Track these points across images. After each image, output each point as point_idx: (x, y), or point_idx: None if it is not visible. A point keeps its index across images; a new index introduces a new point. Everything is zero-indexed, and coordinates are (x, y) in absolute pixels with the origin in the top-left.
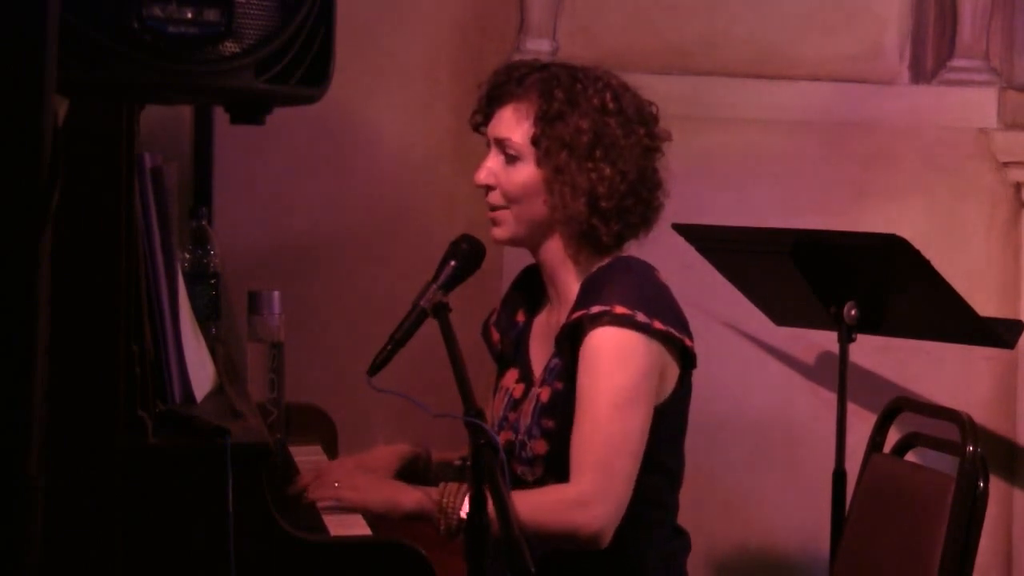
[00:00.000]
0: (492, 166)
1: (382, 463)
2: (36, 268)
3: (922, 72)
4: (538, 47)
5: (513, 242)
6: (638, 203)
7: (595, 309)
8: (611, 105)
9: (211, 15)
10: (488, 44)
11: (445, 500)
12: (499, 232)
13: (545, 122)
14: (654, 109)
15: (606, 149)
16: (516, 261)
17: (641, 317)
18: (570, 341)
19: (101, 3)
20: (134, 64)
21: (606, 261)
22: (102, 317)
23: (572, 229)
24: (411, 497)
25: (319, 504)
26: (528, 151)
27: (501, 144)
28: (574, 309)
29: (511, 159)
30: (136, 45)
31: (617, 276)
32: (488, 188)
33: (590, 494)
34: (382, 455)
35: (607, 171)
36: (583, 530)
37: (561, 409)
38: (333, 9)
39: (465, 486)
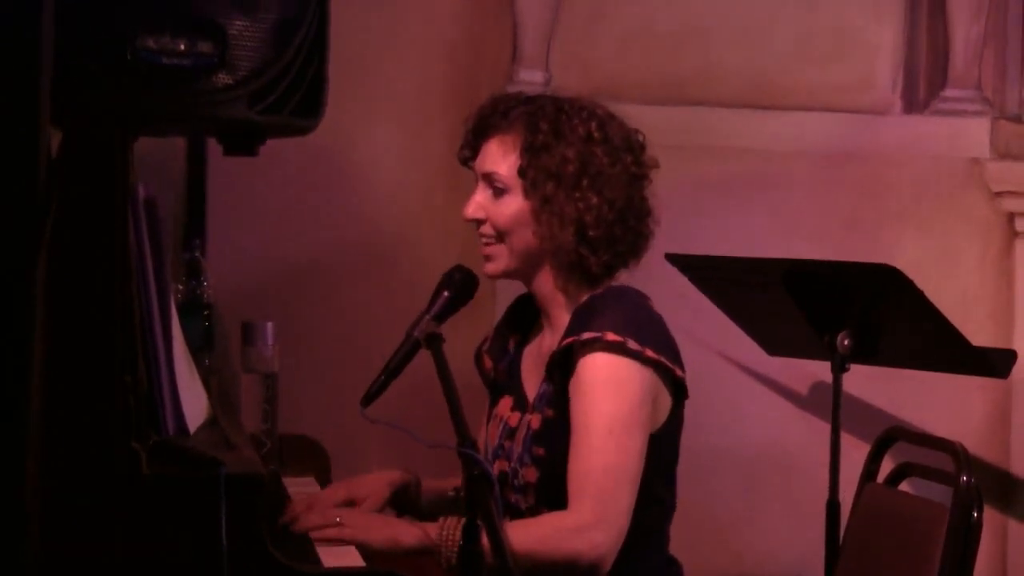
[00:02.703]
0: (480, 200)
1: (373, 490)
2: (30, 299)
3: (915, 102)
4: (531, 77)
5: (506, 275)
6: (627, 232)
7: (586, 335)
8: (596, 134)
9: (204, 47)
10: (481, 74)
11: (444, 534)
12: (491, 267)
13: (531, 153)
14: (641, 137)
15: (592, 178)
16: (509, 291)
17: (633, 344)
18: (560, 367)
19: (95, 35)
20: (128, 96)
21: (599, 290)
22: (96, 348)
23: (561, 259)
24: (411, 534)
25: (317, 537)
26: (515, 183)
27: (488, 178)
28: (565, 335)
29: (499, 192)
30: (130, 77)
31: (609, 303)
32: (478, 222)
33: (590, 521)
34: (372, 482)
35: (594, 200)
36: (584, 557)
37: (552, 436)
38: (326, 40)
39: (464, 520)
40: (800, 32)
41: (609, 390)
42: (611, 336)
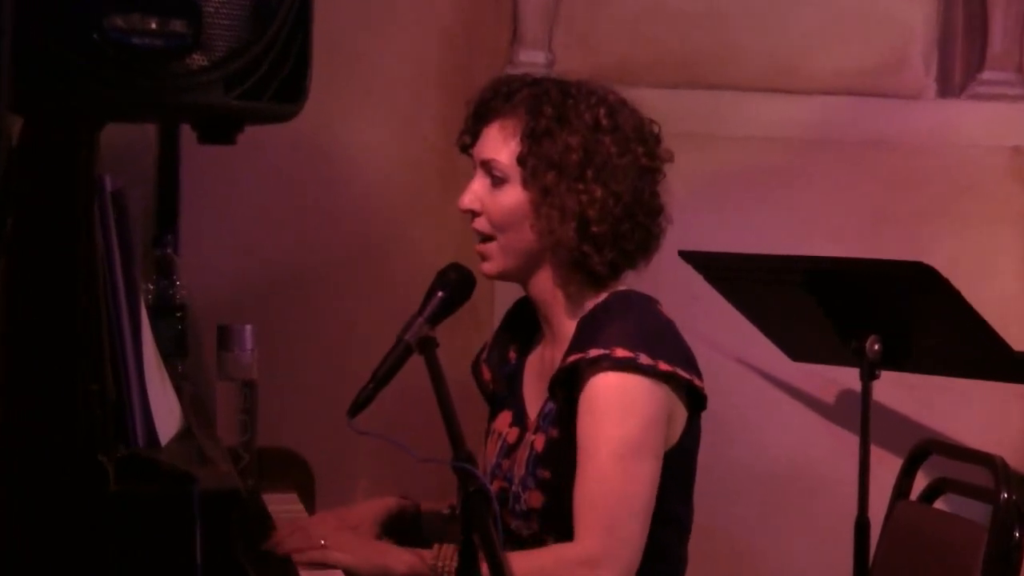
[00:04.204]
0: (477, 189)
1: (366, 519)
2: None
3: (950, 86)
4: (532, 59)
5: (504, 276)
6: (635, 229)
7: (593, 352)
8: (605, 122)
9: (177, 25)
10: (478, 57)
11: (440, 563)
12: (488, 267)
13: (532, 140)
14: (656, 128)
15: (598, 169)
16: (509, 291)
17: (644, 359)
18: (566, 387)
19: (59, 13)
20: (94, 79)
21: (603, 296)
22: (59, 354)
23: (562, 257)
24: (403, 560)
25: (301, 560)
26: (514, 172)
27: (487, 166)
28: (569, 351)
29: (497, 181)
30: (97, 59)
31: (616, 314)
32: (473, 214)
33: (597, 555)
34: (366, 510)
35: (599, 193)
36: None
37: (557, 458)
38: (309, 19)
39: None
40: (824, 9)
41: (620, 412)
42: (620, 352)
